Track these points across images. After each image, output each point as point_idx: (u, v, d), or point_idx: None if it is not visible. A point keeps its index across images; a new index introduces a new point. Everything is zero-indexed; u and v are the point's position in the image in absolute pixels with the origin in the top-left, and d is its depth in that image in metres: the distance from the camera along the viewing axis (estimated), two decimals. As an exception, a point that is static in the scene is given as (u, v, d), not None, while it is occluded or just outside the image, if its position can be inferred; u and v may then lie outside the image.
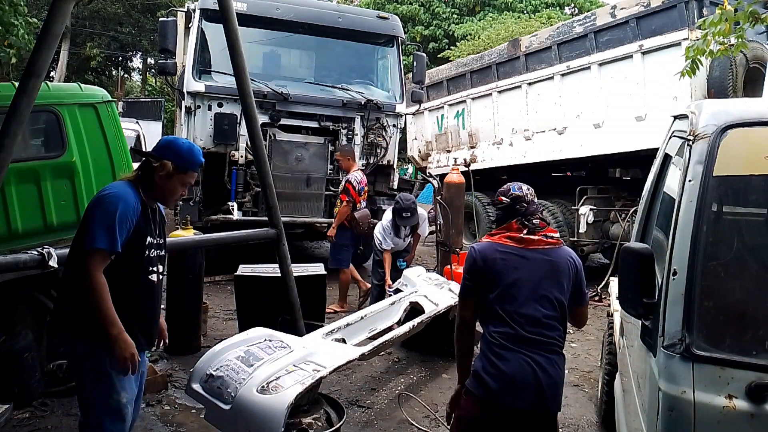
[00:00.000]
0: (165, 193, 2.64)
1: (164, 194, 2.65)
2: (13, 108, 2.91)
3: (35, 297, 4.02)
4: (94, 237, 2.38)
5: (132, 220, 2.47)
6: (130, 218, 2.46)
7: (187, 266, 5.16)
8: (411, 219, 5.99)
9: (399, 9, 19.90)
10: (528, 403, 2.44)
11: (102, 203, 2.46)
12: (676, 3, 7.13)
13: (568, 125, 8.60)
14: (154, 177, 2.59)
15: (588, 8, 18.67)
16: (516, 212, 2.59)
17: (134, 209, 2.48)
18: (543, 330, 2.48)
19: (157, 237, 2.67)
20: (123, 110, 17.83)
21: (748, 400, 1.82)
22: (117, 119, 4.64)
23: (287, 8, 7.67)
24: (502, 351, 2.47)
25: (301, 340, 3.56)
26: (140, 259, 2.56)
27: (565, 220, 8.73)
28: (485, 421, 2.50)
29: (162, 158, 2.59)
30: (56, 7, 2.98)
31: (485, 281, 2.54)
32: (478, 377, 2.52)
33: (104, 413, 2.49)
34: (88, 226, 2.43)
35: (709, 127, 2.08)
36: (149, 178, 2.60)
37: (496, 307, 2.51)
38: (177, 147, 2.64)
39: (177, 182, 2.62)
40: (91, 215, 2.46)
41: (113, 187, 2.57)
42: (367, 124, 7.96)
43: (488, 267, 2.54)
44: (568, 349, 5.58)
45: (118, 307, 2.43)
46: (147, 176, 2.61)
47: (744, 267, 2.11)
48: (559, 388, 2.52)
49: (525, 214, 2.57)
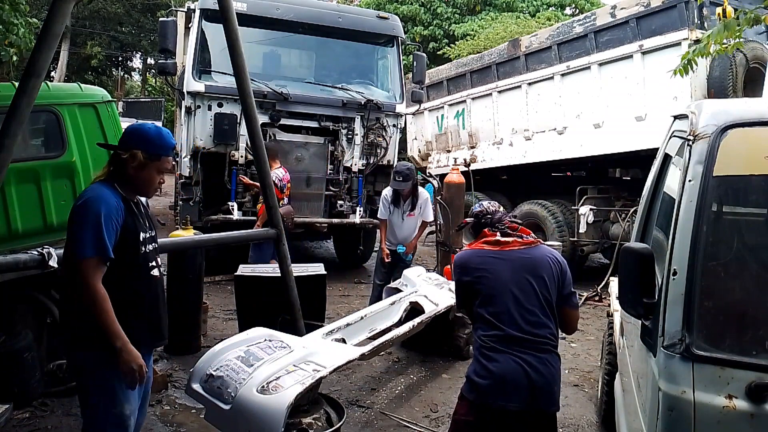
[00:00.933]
0: (142, 184, 2.50)
1: (141, 185, 2.51)
2: (13, 108, 2.91)
3: (35, 297, 4.02)
4: (82, 247, 2.28)
5: (118, 220, 2.35)
6: (115, 219, 2.34)
7: (187, 266, 5.16)
8: (402, 183, 5.75)
9: (399, 9, 19.89)
10: (520, 403, 2.45)
11: (81, 211, 2.33)
12: (676, 3, 7.13)
13: (568, 125, 8.60)
14: (127, 170, 2.44)
15: (588, 9, 18.66)
16: (483, 224, 2.76)
17: (117, 208, 2.36)
18: (531, 329, 2.51)
19: (149, 230, 2.56)
20: (123, 110, 17.85)
21: (748, 400, 1.82)
22: (117, 119, 4.64)
23: (287, 8, 7.66)
24: (491, 353, 2.50)
25: (301, 340, 3.56)
26: (138, 257, 2.46)
27: (565, 220, 8.73)
28: (480, 425, 2.52)
29: (130, 148, 2.44)
30: (56, 7, 2.98)
31: (470, 285, 2.63)
32: (470, 381, 2.56)
33: (107, 424, 2.44)
34: (74, 236, 2.32)
35: (709, 127, 2.08)
36: (122, 172, 2.45)
37: (481, 311, 2.57)
38: (144, 133, 2.48)
39: (153, 170, 2.48)
40: (74, 225, 2.33)
41: (88, 191, 2.41)
42: (367, 124, 7.95)
43: (470, 270, 2.64)
44: (568, 348, 5.64)
45: (127, 310, 2.37)
46: (120, 170, 2.46)
47: (744, 267, 2.11)
48: (552, 387, 2.53)
49: (492, 223, 2.73)
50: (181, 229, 6.05)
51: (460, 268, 2.71)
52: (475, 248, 2.72)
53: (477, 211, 2.82)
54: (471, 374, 2.56)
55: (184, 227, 5.94)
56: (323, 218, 7.84)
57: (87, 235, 2.28)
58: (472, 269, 2.64)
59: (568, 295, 2.67)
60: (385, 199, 6.01)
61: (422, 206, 5.97)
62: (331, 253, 9.84)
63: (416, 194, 5.93)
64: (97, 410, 2.44)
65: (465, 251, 2.79)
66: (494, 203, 2.88)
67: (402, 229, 5.96)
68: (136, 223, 2.47)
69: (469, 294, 2.66)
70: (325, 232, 8.23)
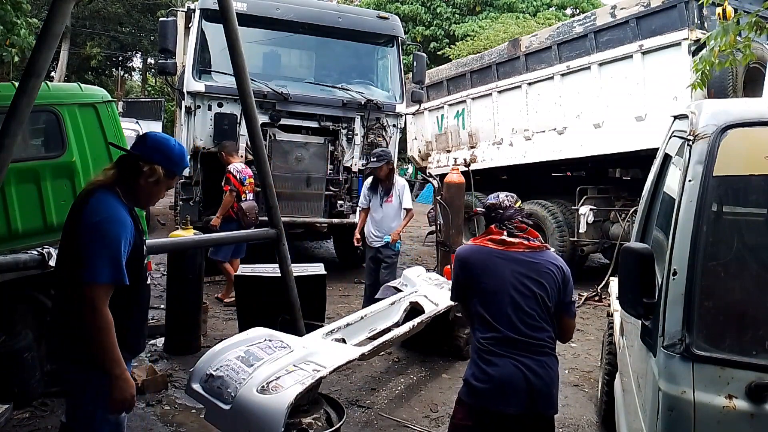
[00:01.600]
0: (148, 197, 2.45)
1: (147, 198, 2.46)
2: (13, 108, 2.91)
3: (35, 297, 4.02)
4: (98, 272, 2.17)
5: (130, 240, 2.27)
6: (128, 240, 2.26)
7: (187, 266, 5.16)
8: (377, 163, 5.87)
9: (400, 9, 19.91)
10: (519, 407, 2.44)
11: (101, 232, 2.21)
12: (676, 3, 7.13)
13: (568, 125, 8.60)
14: (140, 180, 2.36)
15: (588, 10, 18.68)
16: (492, 219, 2.70)
17: (131, 229, 2.28)
18: (530, 332, 2.48)
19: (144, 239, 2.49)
20: (123, 110, 17.85)
21: (748, 400, 1.82)
22: (117, 119, 4.64)
23: (287, 8, 7.66)
24: (490, 357, 2.48)
25: (301, 340, 3.56)
26: (142, 271, 2.43)
27: (565, 220, 8.73)
28: (478, 429, 2.50)
29: (153, 162, 2.36)
30: (56, 7, 2.98)
31: (469, 281, 2.61)
32: (468, 385, 2.54)
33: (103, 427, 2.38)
34: (89, 257, 2.19)
35: (709, 127, 2.08)
36: (133, 180, 2.37)
37: (481, 310, 2.54)
38: (169, 151, 2.41)
39: (163, 187, 2.44)
40: (90, 244, 2.21)
41: (106, 209, 2.27)
42: (367, 124, 7.95)
43: (470, 266, 2.61)
44: (567, 348, 5.64)
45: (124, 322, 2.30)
46: (130, 178, 2.37)
47: (744, 267, 2.11)
48: (551, 390, 2.52)
49: (501, 220, 2.66)
50: (181, 229, 6.05)
51: (461, 263, 2.67)
52: (479, 244, 2.66)
53: (490, 204, 2.75)
54: (469, 378, 2.54)
55: (184, 227, 5.95)
56: (323, 218, 7.84)
57: (104, 260, 2.18)
58: (472, 266, 2.61)
59: (568, 304, 2.63)
60: (364, 188, 6.17)
61: (400, 192, 6.03)
62: (331, 253, 9.84)
63: (392, 180, 6.03)
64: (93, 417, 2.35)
65: (468, 246, 2.73)
66: (511, 196, 2.78)
67: (382, 216, 6.01)
68: (140, 238, 2.39)
69: (467, 290, 2.63)
70: (325, 232, 8.23)
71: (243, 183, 6.56)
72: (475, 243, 2.70)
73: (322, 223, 7.79)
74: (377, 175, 5.98)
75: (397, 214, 6.03)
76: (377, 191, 6.03)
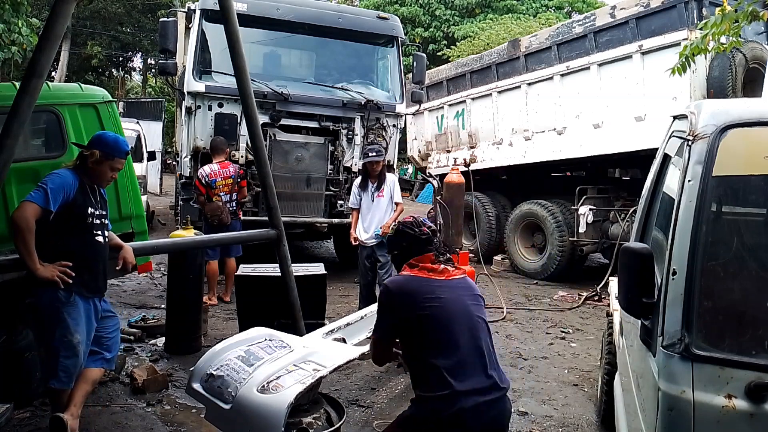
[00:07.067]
0: (97, 176, 3.33)
1: (96, 177, 3.34)
2: (14, 108, 2.92)
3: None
4: (32, 194, 3.05)
5: (69, 192, 3.14)
6: (66, 190, 3.13)
7: (187, 266, 5.16)
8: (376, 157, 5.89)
9: (399, 10, 19.93)
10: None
11: (47, 177, 3.16)
12: (675, 3, 7.14)
13: (568, 125, 8.60)
14: (87, 163, 3.28)
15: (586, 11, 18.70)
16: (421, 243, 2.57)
17: (71, 184, 3.17)
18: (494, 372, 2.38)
19: (99, 209, 3.35)
20: (123, 110, 17.81)
21: (748, 400, 1.82)
22: (117, 119, 4.64)
23: (287, 8, 7.67)
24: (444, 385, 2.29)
25: (301, 339, 3.56)
26: (83, 223, 3.24)
27: (564, 220, 8.74)
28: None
29: (91, 148, 3.30)
30: (58, 7, 2.99)
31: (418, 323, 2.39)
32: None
33: (60, 347, 3.16)
34: (32, 190, 3.08)
35: (709, 127, 2.08)
36: (84, 163, 3.29)
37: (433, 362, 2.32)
38: (104, 139, 3.37)
39: (106, 167, 3.32)
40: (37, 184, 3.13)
41: (57, 170, 3.26)
42: (367, 124, 7.95)
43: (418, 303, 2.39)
44: (567, 348, 5.64)
45: (74, 262, 3.15)
46: (83, 163, 3.30)
47: (743, 267, 2.11)
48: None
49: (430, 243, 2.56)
50: (182, 229, 6.05)
51: (401, 297, 2.40)
52: (415, 275, 2.46)
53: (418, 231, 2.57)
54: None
55: (184, 227, 5.95)
56: (323, 218, 7.84)
57: (39, 191, 3.05)
58: (420, 301, 2.37)
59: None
60: (355, 188, 6.18)
61: (390, 187, 6.06)
62: (331, 253, 9.85)
63: (383, 175, 6.05)
64: (53, 337, 3.17)
65: (403, 277, 2.50)
66: (423, 218, 2.67)
67: (374, 212, 6.01)
68: (86, 199, 3.26)
69: (411, 331, 2.39)
70: (325, 232, 8.24)
71: (212, 186, 6.52)
72: (410, 273, 2.50)
73: (322, 223, 7.80)
74: (374, 169, 5.98)
75: (389, 209, 6.04)
76: (368, 188, 6.04)
